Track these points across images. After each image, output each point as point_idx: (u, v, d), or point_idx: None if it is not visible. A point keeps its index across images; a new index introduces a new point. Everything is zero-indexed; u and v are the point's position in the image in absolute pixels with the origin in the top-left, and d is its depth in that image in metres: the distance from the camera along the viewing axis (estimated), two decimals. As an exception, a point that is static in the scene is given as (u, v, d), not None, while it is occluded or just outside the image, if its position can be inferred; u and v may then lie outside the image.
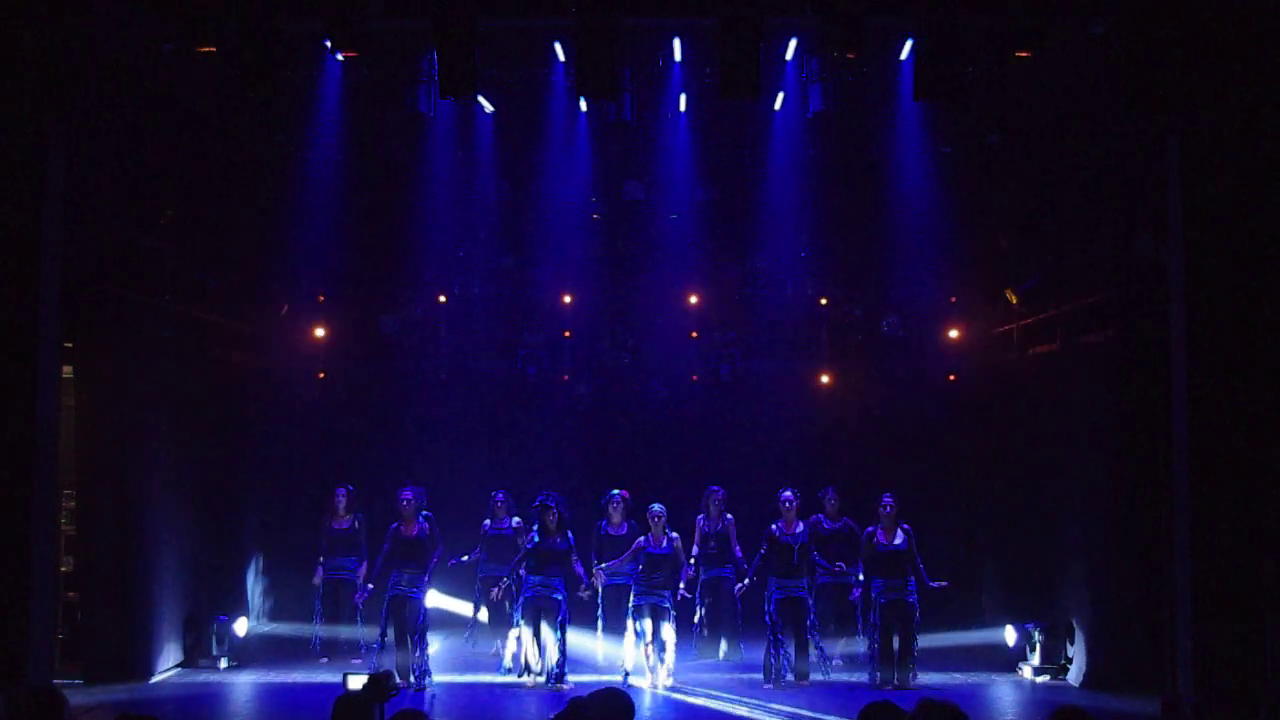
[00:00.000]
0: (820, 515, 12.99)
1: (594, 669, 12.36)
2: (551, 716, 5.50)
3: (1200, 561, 10.00)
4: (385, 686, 6.13)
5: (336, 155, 14.02)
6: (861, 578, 12.44)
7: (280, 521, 15.13)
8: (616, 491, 12.75)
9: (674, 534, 11.97)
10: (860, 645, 12.90)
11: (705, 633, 12.98)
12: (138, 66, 11.53)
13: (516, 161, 14.88)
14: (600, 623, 12.86)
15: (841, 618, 13.07)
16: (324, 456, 14.98)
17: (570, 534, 11.76)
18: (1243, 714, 9.35)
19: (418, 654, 11.76)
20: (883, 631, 11.93)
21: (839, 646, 13.03)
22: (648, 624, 11.79)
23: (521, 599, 11.94)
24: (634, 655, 11.86)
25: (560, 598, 11.71)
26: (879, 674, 11.89)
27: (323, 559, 13.37)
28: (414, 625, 11.79)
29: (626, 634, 11.95)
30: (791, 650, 11.98)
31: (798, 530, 12.00)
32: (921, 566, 11.97)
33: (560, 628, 11.68)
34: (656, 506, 12.00)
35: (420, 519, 11.97)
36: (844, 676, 12.45)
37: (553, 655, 11.66)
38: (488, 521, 13.04)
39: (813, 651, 12.14)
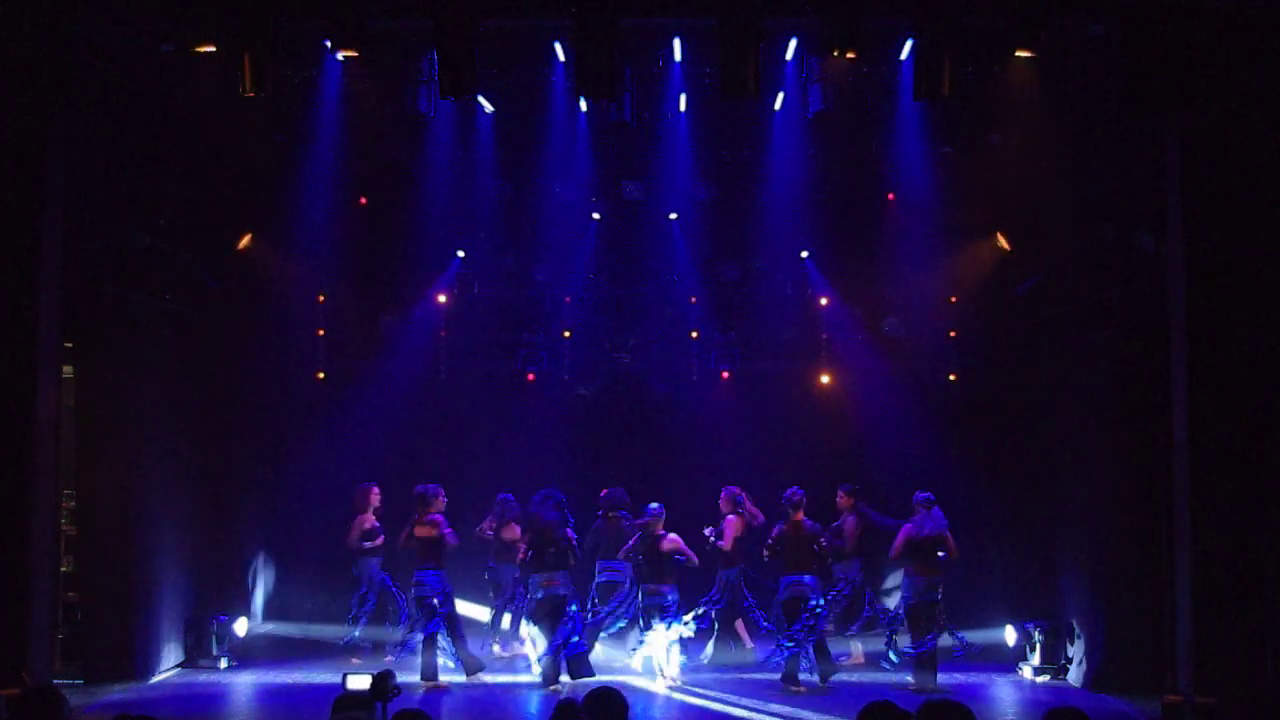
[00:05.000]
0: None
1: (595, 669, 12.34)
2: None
3: (1200, 561, 10.01)
4: (386, 687, 6.13)
5: (336, 155, 14.00)
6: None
7: (280, 522, 15.13)
8: (605, 491, 12.79)
9: (672, 534, 11.93)
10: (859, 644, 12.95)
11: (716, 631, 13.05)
12: (137, 66, 11.53)
13: (516, 161, 14.85)
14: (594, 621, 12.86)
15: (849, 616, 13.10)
16: (324, 457, 14.96)
17: (567, 532, 11.72)
18: (1243, 714, 9.35)
19: (442, 648, 11.86)
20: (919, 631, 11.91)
21: (852, 645, 13.02)
22: (655, 624, 11.79)
23: (530, 602, 11.97)
24: (641, 651, 11.88)
25: (564, 594, 11.69)
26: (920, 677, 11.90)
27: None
28: (439, 621, 11.90)
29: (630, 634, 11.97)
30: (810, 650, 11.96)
31: (775, 531, 12.01)
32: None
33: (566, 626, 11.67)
34: (654, 505, 12.01)
35: (432, 516, 12.00)
36: (859, 677, 12.42)
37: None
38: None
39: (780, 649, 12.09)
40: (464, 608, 13.71)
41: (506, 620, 13.33)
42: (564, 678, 11.74)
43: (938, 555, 11.96)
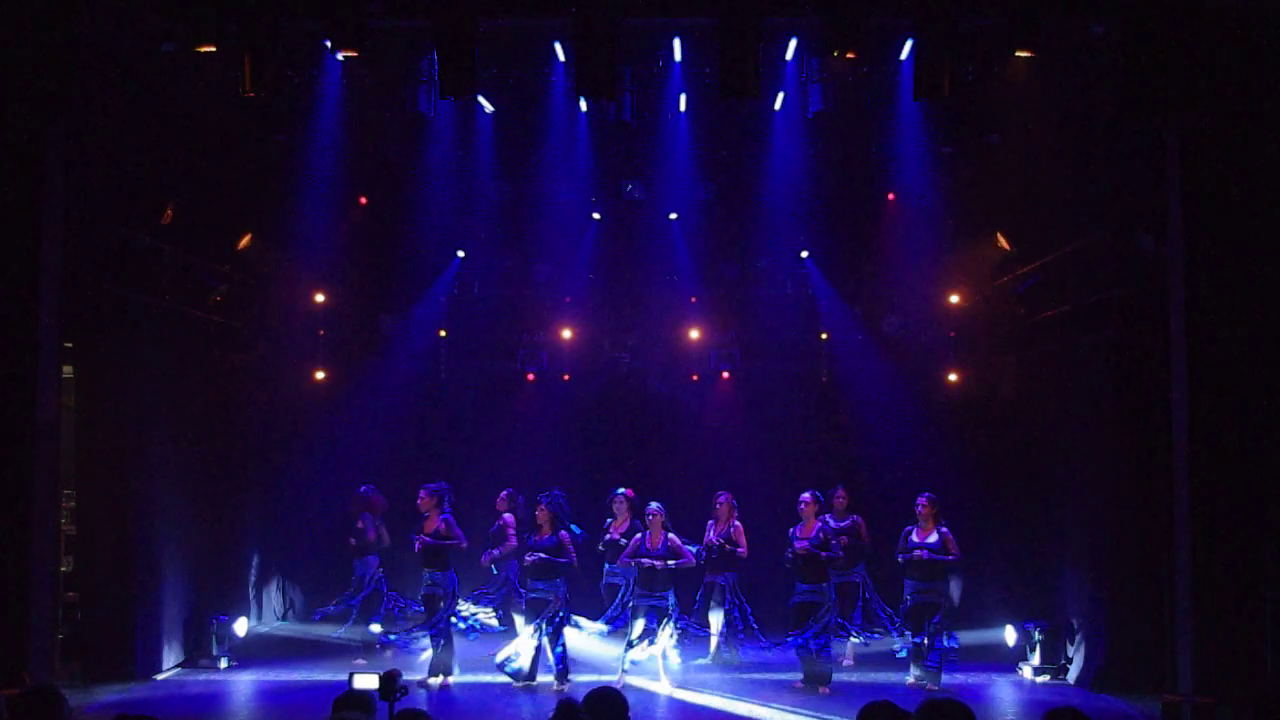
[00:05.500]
0: (828, 514, 12.95)
1: (593, 669, 12.34)
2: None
3: (1200, 561, 10.01)
4: (394, 687, 6.13)
5: (336, 155, 14.01)
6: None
7: (280, 521, 15.13)
8: (621, 490, 12.77)
9: (671, 534, 11.94)
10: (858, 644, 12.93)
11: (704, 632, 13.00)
12: (138, 66, 11.53)
13: (516, 161, 14.86)
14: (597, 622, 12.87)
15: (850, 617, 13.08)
16: (324, 456, 14.97)
17: (563, 532, 11.72)
18: (1243, 714, 9.35)
19: (441, 649, 11.92)
20: (914, 633, 11.89)
21: (849, 646, 13.00)
22: (640, 624, 11.81)
23: (522, 601, 11.97)
24: (633, 655, 11.86)
25: (555, 597, 11.69)
26: (916, 672, 11.88)
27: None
28: (444, 621, 11.93)
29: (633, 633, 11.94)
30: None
31: (812, 533, 11.93)
32: (949, 558, 11.89)
33: (557, 627, 11.68)
34: (653, 505, 12.00)
35: (440, 517, 12.00)
36: (859, 677, 12.40)
37: (550, 655, 11.67)
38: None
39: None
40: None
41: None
42: (573, 677, 11.76)
43: None
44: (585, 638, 12.45)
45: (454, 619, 12.12)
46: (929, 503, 11.92)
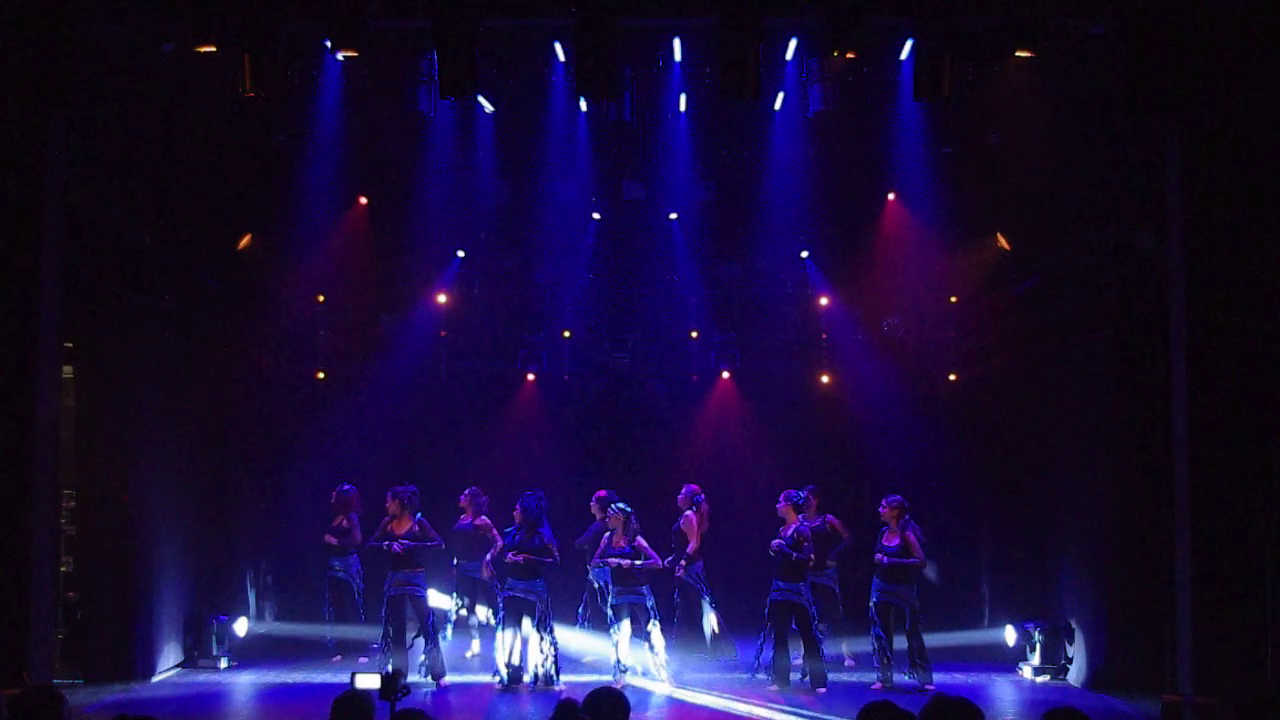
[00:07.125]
0: (801, 514, 12.92)
1: (589, 669, 12.34)
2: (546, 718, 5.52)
3: (1200, 561, 10.01)
4: (395, 687, 6.13)
5: (336, 155, 14.00)
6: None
7: (280, 521, 15.12)
8: (598, 494, 12.81)
9: (639, 538, 11.94)
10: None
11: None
12: (138, 66, 11.53)
13: (516, 161, 14.86)
14: (586, 621, 12.90)
15: (832, 618, 13.08)
16: (324, 457, 14.96)
17: (544, 533, 11.72)
18: (1243, 714, 9.33)
19: (430, 650, 11.88)
20: (882, 631, 11.89)
21: (844, 647, 13.00)
22: (627, 624, 11.82)
23: (500, 600, 11.97)
24: (629, 654, 11.87)
25: (537, 597, 11.71)
26: (885, 674, 11.86)
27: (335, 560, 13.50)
28: (420, 623, 11.93)
29: (621, 633, 11.94)
30: (799, 653, 11.94)
31: (788, 532, 11.92)
32: (910, 561, 11.91)
33: (544, 627, 11.69)
34: (616, 506, 12.04)
35: (413, 519, 12.00)
36: (859, 677, 12.39)
37: (538, 655, 11.67)
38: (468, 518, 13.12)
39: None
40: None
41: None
42: (573, 677, 11.76)
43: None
44: (578, 637, 12.45)
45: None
46: (889, 506, 11.96)
